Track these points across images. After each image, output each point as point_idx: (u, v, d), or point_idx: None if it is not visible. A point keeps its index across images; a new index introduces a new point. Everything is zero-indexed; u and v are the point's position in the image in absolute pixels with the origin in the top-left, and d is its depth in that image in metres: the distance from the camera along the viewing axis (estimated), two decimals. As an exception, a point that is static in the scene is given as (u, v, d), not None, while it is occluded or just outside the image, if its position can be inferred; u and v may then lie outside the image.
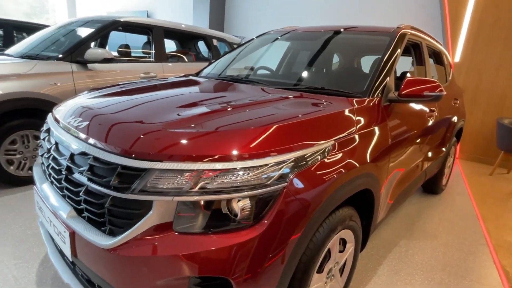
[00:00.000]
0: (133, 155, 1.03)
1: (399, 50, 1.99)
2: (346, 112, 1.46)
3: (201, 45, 5.37)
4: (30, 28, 6.00)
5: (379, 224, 1.89)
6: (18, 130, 2.70)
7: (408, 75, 2.13)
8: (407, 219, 2.79)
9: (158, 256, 0.98)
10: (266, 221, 1.03)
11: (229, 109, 1.35)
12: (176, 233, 1.00)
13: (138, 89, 1.76)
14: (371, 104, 1.64)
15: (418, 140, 2.11)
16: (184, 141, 1.05)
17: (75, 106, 1.45)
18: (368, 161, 1.45)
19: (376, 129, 1.58)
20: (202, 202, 1.02)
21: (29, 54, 3.15)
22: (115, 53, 3.42)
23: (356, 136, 1.41)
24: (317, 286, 1.36)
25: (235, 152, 1.03)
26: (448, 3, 4.79)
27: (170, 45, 4.66)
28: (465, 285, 1.97)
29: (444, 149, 2.90)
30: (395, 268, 2.08)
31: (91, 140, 1.15)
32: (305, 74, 2.33)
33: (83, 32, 3.40)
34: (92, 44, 3.29)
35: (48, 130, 1.49)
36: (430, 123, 2.33)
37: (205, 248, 0.97)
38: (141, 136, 1.08)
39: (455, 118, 3.05)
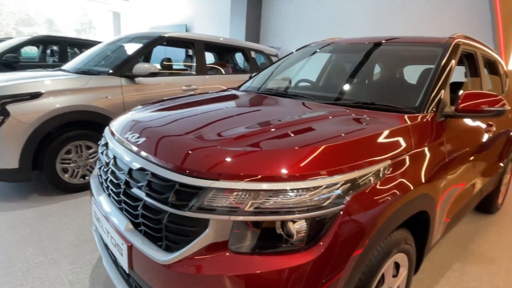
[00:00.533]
0: (191, 173, 1.05)
1: (453, 62, 1.88)
2: (402, 130, 1.40)
3: (238, 57, 5.48)
4: (81, 44, 6.51)
5: (433, 246, 1.77)
6: (73, 141, 2.90)
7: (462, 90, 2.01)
8: (460, 241, 2.59)
9: (214, 275, 0.98)
10: (322, 244, 1.00)
11: (281, 127, 1.34)
12: (231, 252, 1.01)
13: (188, 104, 1.82)
14: (426, 120, 1.55)
15: (474, 157, 1.97)
16: (240, 160, 1.06)
17: (132, 122, 1.52)
18: (425, 181, 1.37)
19: (432, 147, 1.49)
20: (257, 222, 1.02)
21: (83, 70, 3.39)
22: (158, 67, 3.58)
23: (412, 155, 1.34)
24: (370, 312, 1.30)
25: (289, 173, 1.02)
26: (501, 10, 4.49)
27: (208, 58, 4.81)
28: (533, 319, 1.77)
29: (501, 165, 2.68)
30: (450, 294, 1.93)
31: (150, 157, 1.19)
32: (351, 88, 2.27)
33: (131, 48, 3.61)
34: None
35: (105, 144, 1.58)
36: (488, 138, 2.17)
37: (261, 268, 0.96)
38: (199, 154, 1.11)
39: (514, 132, 2.81)
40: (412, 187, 1.26)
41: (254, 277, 0.96)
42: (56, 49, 6.20)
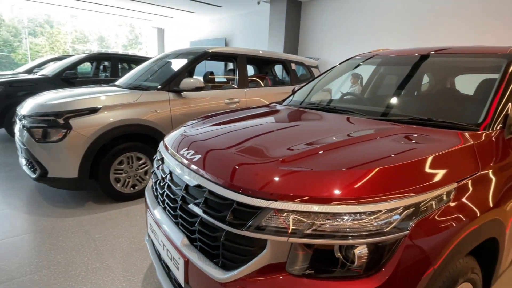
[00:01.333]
0: (249, 193, 1.07)
1: (520, 73, 1.73)
2: (467, 149, 1.31)
3: (277, 69, 5.53)
4: (130, 60, 6.97)
5: (501, 275, 1.62)
6: (125, 152, 3.08)
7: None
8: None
9: (272, 297, 0.97)
10: (385, 272, 0.95)
11: (334, 148, 1.32)
12: (287, 275, 1.00)
13: (237, 120, 1.85)
14: (493, 137, 1.44)
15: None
16: (298, 181, 1.06)
17: (186, 138, 1.58)
18: (494, 205, 1.26)
19: (500, 167, 1.38)
20: (315, 245, 1.00)
21: (135, 85, 3.62)
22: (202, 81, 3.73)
23: (479, 177, 1.25)
24: None
25: (347, 196, 0.99)
26: None
27: (248, 71, 4.91)
28: None
29: None
30: (519, 329, 1.74)
31: (207, 175, 1.23)
32: (402, 102, 2.18)
33: (178, 63, 3.79)
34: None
35: (161, 159, 1.66)
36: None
37: (320, 294, 0.94)
38: (257, 174, 1.12)
39: None
40: (480, 213, 1.17)
41: (313, 303, 0.94)
42: (108, 65, 6.71)
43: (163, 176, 1.54)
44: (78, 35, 23.01)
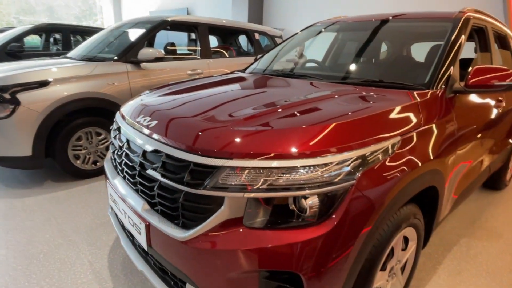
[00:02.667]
0: (205, 153, 1.08)
1: (463, 37, 1.85)
2: (411, 106, 1.40)
3: (242, 40, 5.41)
4: (84, 31, 6.48)
5: (441, 222, 1.80)
6: (83, 128, 2.94)
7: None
8: (468, 217, 2.62)
9: (230, 250, 1.02)
10: (333, 219, 1.03)
11: (290, 106, 1.36)
12: (246, 228, 1.04)
13: (196, 87, 1.83)
14: (436, 96, 1.55)
15: (484, 133, 1.96)
16: (252, 139, 1.08)
17: (143, 106, 1.54)
18: (435, 157, 1.38)
19: (441, 123, 1.50)
20: (270, 199, 1.05)
21: (89, 57, 3.40)
22: (162, 52, 3.58)
23: (422, 132, 1.35)
24: (379, 284, 1.35)
25: (299, 150, 1.04)
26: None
27: (212, 41, 4.77)
28: (539, 290, 1.82)
29: (510, 141, 2.66)
30: (457, 268, 1.98)
31: (164, 139, 1.22)
32: (358, 66, 2.25)
33: (135, 33, 3.59)
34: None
35: (118, 129, 1.61)
36: (497, 114, 2.15)
37: (274, 243, 1.00)
38: (211, 134, 1.13)
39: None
40: (421, 163, 1.28)
41: (267, 251, 1.00)
42: (59, 37, 6.19)
43: (120, 145, 1.50)
44: (23, 5, 20.79)
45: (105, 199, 2.68)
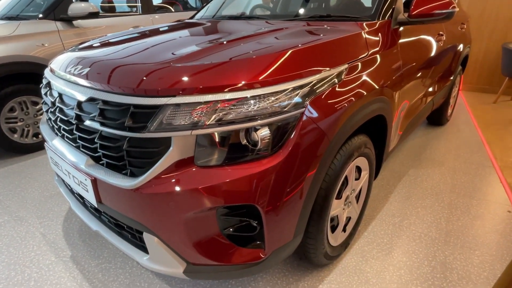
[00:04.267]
0: (145, 93, 0.99)
1: (406, -32, 1.84)
2: (357, 36, 1.39)
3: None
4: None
5: (390, 153, 1.91)
6: (15, 97, 2.63)
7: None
8: (414, 151, 2.83)
9: (184, 190, 0.99)
10: (287, 148, 1.02)
11: (235, 41, 1.28)
12: (198, 167, 1.01)
13: (135, 37, 1.66)
14: (381, 26, 1.55)
15: (427, 67, 2.05)
16: (195, 74, 1.01)
17: (72, 56, 1.38)
18: (382, 85, 1.41)
19: (387, 53, 1.52)
20: (221, 134, 1.01)
21: (8, 16, 2.96)
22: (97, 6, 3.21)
23: (368, 61, 1.36)
24: (336, 212, 1.41)
25: (247, 81, 0.99)
26: None
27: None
28: (473, 204, 2.04)
29: (451, 77, 2.84)
30: (406, 194, 2.15)
31: (97, 85, 1.10)
32: (307, 5, 2.19)
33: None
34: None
35: (48, 84, 1.44)
36: (439, 48, 2.25)
37: (228, 178, 0.98)
38: (150, 72, 1.04)
39: (461, 45, 2.94)
40: (367, 91, 1.29)
41: (222, 187, 0.98)
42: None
43: (52, 101, 1.35)
44: None
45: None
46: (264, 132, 1.01)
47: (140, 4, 3.69)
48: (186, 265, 1.11)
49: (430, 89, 2.31)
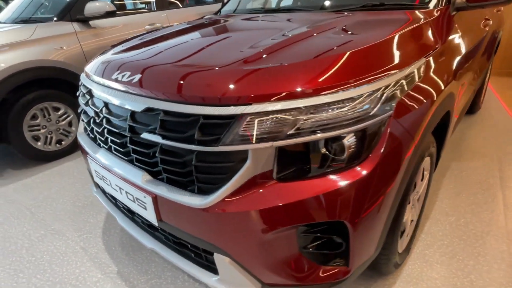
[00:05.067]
0: (218, 102, 0.88)
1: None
2: (426, 26, 1.26)
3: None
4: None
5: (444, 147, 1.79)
6: (36, 104, 2.53)
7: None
8: (451, 141, 2.70)
9: (264, 208, 0.89)
10: (376, 154, 0.91)
11: (294, 39, 1.16)
12: (278, 182, 0.90)
13: (171, 35, 1.55)
14: (442, 14, 1.42)
15: (476, 53, 1.91)
16: (273, 78, 0.90)
17: (113, 60, 1.27)
18: (452, 79, 1.29)
19: (451, 42, 1.39)
20: (303, 144, 0.90)
21: (23, 18, 2.85)
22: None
23: (440, 52, 1.24)
24: (405, 217, 1.31)
25: (329, 84, 0.88)
26: None
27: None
28: (530, 198, 1.93)
29: (489, 62, 2.69)
30: (455, 190, 2.04)
31: (158, 94, 1.00)
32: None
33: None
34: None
35: (89, 93, 1.33)
36: (485, 33, 2.11)
37: (315, 193, 0.88)
38: (221, 77, 0.93)
39: (499, 29, 2.78)
40: (444, 86, 1.18)
41: (310, 203, 0.88)
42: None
43: (97, 111, 1.25)
44: None
45: (81, 180, 2.40)
46: (350, 140, 0.90)
47: (154, 0, 3.55)
48: (261, 286, 1.02)
49: (477, 74, 2.17)
